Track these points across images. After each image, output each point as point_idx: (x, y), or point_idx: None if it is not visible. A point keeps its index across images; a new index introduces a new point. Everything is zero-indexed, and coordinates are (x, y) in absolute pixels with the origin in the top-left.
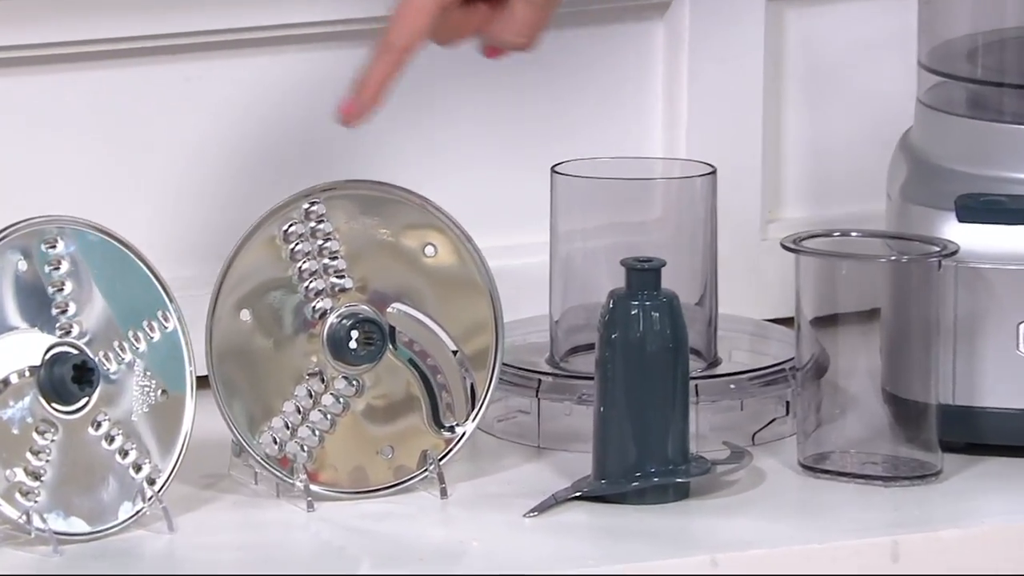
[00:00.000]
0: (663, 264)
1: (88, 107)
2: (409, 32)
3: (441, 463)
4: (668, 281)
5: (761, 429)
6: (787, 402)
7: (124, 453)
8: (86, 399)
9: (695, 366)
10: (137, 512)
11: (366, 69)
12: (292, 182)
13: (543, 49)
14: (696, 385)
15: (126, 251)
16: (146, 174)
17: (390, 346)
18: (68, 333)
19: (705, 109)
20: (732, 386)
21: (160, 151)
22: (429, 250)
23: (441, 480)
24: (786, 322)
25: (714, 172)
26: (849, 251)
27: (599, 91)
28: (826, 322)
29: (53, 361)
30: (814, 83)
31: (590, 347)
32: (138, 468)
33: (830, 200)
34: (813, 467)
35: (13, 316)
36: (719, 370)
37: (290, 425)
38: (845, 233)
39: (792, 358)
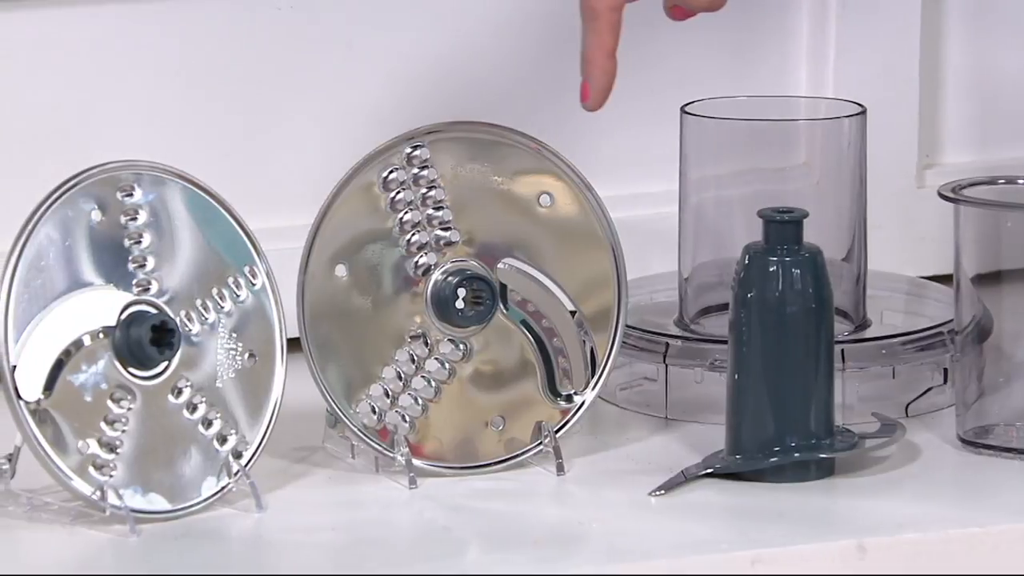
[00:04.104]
0: (805, 215)
1: (167, 39)
2: None
3: (557, 435)
4: (811, 234)
5: (915, 399)
6: (945, 369)
7: (208, 423)
8: (166, 363)
9: (841, 329)
10: (222, 488)
11: (583, 45)
12: (393, 124)
13: None
14: (842, 350)
15: (210, 199)
16: (231, 114)
17: (501, 306)
18: (146, 290)
19: (855, 41)
20: (883, 351)
21: (246, 88)
22: (545, 199)
23: (557, 454)
24: (944, 280)
25: (864, 112)
26: (1016, 200)
27: (735, 21)
28: (989, 280)
29: (130, 321)
30: (979, 9)
31: (723, 307)
32: (223, 440)
33: (996, 143)
34: (974, 442)
35: (87, 271)
36: (868, 333)
37: (390, 393)
38: (1011, 180)
39: (951, 320)
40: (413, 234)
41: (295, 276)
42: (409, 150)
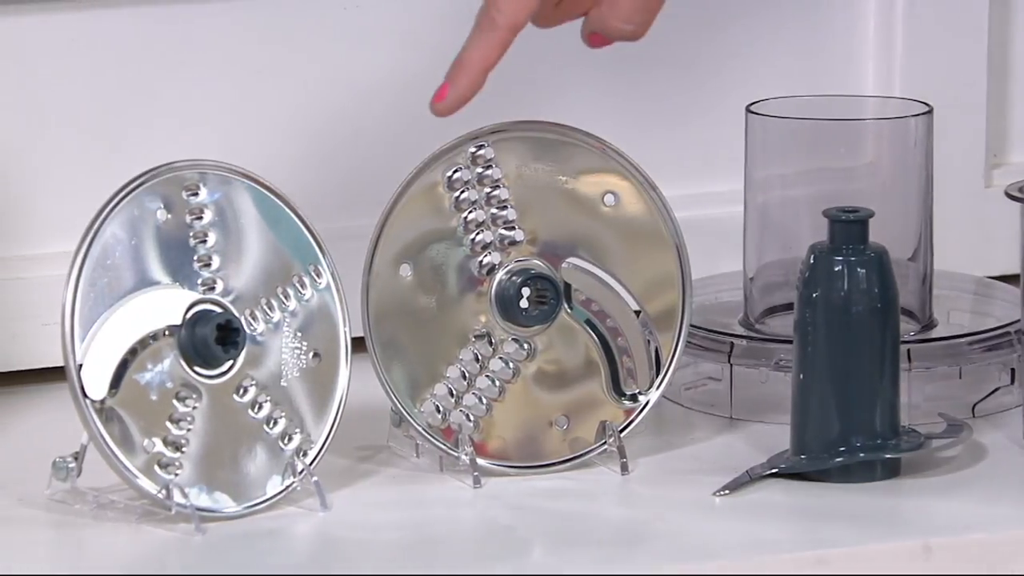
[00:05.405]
0: (871, 215)
1: (232, 39)
2: (515, 9)
3: (622, 435)
4: (877, 234)
5: (982, 400)
6: (1012, 369)
7: (272, 422)
8: (231, 362)
9: (907, 329)
10: (287, 487)
11: (465, 49)
12: (458, 123)
13: None
14: (908, 350)
15: (275, 199)
16: (297, 114)
17: (565, 305)
18: (211, 289)
19: (922, 39)
20: (949, 351)
21: (312, 88)
22: (609, 199)
23: (622, 454)
24: (1012, 280)
25: (931, 111)
26: None
27: (801, 20)
28: None
29: (195, 320)
30: None
31: (788, 307)
32: (288, 438)
33: None
34: None
35: (153, 270)
36: (934, 333)
37: (455, 392)
38: None
39: (1018, 320)
40: (477, 233)
41: (360, 276)
42: (473, 149)
